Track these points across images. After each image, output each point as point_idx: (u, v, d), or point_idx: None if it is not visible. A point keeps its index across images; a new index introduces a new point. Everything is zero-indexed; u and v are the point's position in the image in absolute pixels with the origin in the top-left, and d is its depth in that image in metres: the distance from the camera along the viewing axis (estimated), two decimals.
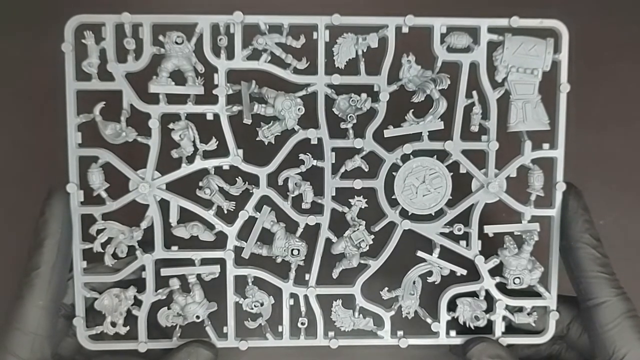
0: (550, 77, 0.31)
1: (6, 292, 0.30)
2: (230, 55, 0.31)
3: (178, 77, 0.31)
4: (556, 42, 0.31)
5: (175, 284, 0.32)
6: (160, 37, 0.30)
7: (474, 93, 0.31)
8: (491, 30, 0.31)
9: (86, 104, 0.31)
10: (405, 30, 0.31)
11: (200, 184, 0.32)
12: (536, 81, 0.31)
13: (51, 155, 0.33)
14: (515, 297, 0.33)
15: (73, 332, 0.32)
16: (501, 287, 0.33)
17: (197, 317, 0.32)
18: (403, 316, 0.33)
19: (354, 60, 0.31)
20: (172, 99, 0.31)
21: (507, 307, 0.33)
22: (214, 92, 0.31)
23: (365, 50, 0.31)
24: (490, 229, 0.32)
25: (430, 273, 0.33)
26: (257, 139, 0.31)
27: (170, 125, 0.31)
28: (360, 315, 0.33)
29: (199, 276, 0.32)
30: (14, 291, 0.30)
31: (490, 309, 0.33)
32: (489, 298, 0.33)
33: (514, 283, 0.32)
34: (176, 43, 0.30)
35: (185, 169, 0.32)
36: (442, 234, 0.32)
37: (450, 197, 0.32)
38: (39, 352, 0.29)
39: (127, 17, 0.30)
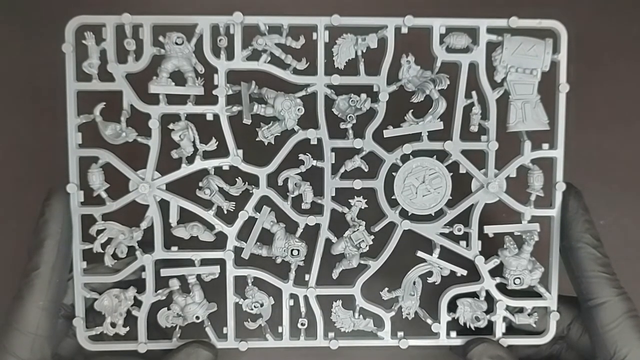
0: (549, 77, 0.31)
1: (6, 292, 0.30)
2: (230, 56, 0.31)
3: (178, 77, 0.31)
4: (555, 42, 0.31)
5: (175, 284, 0.32)
6: (161, 38, 0.30)
7: (474, 93, 0.31)
8: (490, 30, 0.31)
9: (86, 104, 0.31)
10: (404, 30, 0.31)
11: (200, 184, 0.32)
12: (535, 81, 0.31)
13: (51, 155, 0.33)
14: (515, 298, 0.32)
15: (73, 332, 0.32)
16: (501, 287, 0.32)
17: (197, 317, 0.32)
18: (403, 317, 0.33)
19: (354, 60, 0.31)
20: (172, 99, 0.31)
21: (508, 308, 0.33)
22: (214, 92, 0.31)
23: (364, 51, 0.31)
24: (490, 229, 0.32)
25: (430, 273, 0.33)
26: (257, 139, 0.31)
27: (170, 126, 0.31)
28: (361, 316, 0.33)
29: (198, 277, 0.32)
30: (14, 291, 0.30)
31: (490, 309, 0.33)
32: (489, 299, 0.33)
33: (515, 283, 0.32)
34: (176, 44, 0.30)
35: (185, 169, 0.32)
36: (442, 234, 0.32)
37: (450, 197, 0.32)
38: (39, 352, 0.29)
39: (127, 17, 0.30)
